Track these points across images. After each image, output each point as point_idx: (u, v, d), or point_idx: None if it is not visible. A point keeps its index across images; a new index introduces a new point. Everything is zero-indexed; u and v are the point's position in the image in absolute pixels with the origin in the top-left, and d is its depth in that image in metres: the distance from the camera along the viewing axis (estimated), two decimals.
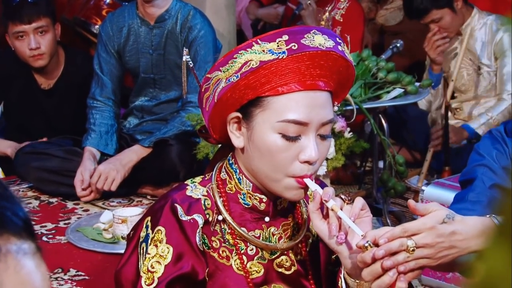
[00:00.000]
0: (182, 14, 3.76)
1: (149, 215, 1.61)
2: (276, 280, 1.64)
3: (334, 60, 1.54)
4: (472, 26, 4.11)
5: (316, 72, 1.52)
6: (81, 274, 3.03)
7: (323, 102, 1.54)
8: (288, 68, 1.50)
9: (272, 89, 1.52)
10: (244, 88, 1.52)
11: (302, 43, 1.50)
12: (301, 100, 1.51)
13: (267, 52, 1.50)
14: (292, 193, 1.55)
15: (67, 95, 4.07)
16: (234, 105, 1.56)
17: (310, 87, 1.52)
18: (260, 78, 1.51)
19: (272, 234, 1.64)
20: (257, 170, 1.57)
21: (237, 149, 1.61)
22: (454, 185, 2.97)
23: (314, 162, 1.53)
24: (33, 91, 4.06)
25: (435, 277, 2.96)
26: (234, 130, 1.58)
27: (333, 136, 3.28)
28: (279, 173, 1.53)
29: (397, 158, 3.54)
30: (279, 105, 1.52)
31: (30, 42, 3.86)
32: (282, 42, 1.50)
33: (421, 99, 3.83)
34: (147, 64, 3.86)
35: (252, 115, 1.54)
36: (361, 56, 3.66)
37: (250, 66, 1.50)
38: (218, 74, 1.55)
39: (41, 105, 4.08)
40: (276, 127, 1.52)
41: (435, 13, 4.03)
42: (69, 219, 3.57)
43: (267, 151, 1.53)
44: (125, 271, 1.60)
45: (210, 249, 1.60)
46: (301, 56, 1.50)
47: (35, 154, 3.84)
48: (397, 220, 3.73)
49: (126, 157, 3.73)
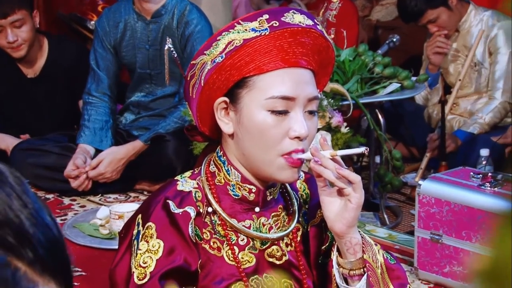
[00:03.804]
0: (179, 9, 3.77)
1: (140, 212, 1.63)
2: (268, 270, 1.65)
3: (315, 38, 1.58)
4: (469, 23, 4.11)
5: (298, 50, 1.56)
6: (77, 270, 3.04)
7: (307, 79, 1.58)
8: (271, 45, 1.54)
9: (256, 68, 1.55)
10: (229, 68, 1.55)
11: (282, 20, 1.55)
12: (285, 77, 1.55)
13: (250, 30, 1.54)
14: (285, 174, 1.57)
15: (56, 83, 4.05)
16: (221, 88, 1.58)
17: (293, 64, 1.56)
18: (245, 57, 1.54)
19: (263, 225, 1.66)
20: (248, 154, 1.59)
21: (225, 141, 1.63)
22: (451, 179, 2.99)
23: (304, 138, 1.55)
24: (19, 81, 4.04)
25: (431, 271, 2.98)
26: (223, 117, 1.60)
27: (329, 131, 3.29)
28: (271, 152, 1.55)
29: (394, 153, 3.56)
30: (264, 83, 1.55)
31: (7, 36, 3.87)
32: (263, 20, 1.55)
33: (417, 93, 3.84)
34: (143, 59, 3.87)
35: (239, 97, 1.57)
36: (357, 51, 3.67)
37: (234, 45, 1.54)
38: (203, 58, 1.58)
39: (29, 94, 4.06)
40: (264, 104, 1.54)
41: (430, 13, 4.03)
42: (66, 215, 3.59)
43: (257, 131, 1.55)
44: (119, 270, 1.61)
45: (201, 241, 1.62)
46: (283, 33, 1.54)
47: (31, 151, 3.86)
48: (394, 215, 3.75)
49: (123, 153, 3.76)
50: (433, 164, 3.94)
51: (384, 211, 3.68)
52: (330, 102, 3.31)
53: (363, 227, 3.38)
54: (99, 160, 3.74)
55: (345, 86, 3.45)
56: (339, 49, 3.65)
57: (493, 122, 4.00)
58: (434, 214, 2.95)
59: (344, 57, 3.57)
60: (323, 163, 1.53)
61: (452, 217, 2.91)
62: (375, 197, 3.73)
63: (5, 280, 0.77)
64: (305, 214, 1.73)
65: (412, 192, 3.66)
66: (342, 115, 3.32)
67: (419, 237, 3.01)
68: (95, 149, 3.82)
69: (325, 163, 1.53)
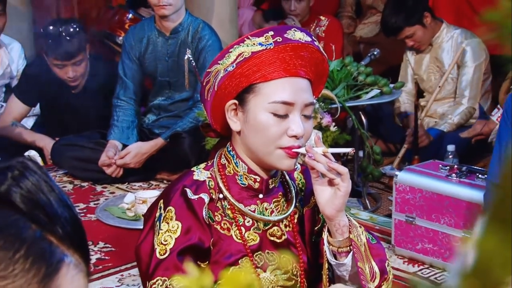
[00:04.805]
0: (193, 27, 3.76)
1: (162, 198, 1.62)
2: (269, 247, 1.65)
3: (312, 52, 1.58)
4: (441, 38, 4.11)
5: (298, 62, 1.55)
6: (108, 246, 3.04)
7: (304, 87, 1.57)
8: (275, 57, 1.54)
9: (262, 76, 1.54)
10: (239, 76, 1.55)
11: (285, 37, 1.55)
12: (286, 84, 1.55)
13: (257, 44, 1.54)
14: (283, 163, 1.56)
15: (93, 95, 4.04)
16: (231, 93, 1.58)
17: (293, 74, 1.55)
18: (252, 66, 1.54)
19: (265, 209, 1.65)
20: (252, 147, 1.58)
21: (234, 137, 1.63)
22: (423, 170, 2.98)
23: (301, 137, 1.55)
24: (67, 95, 4.01)
25: (406, 248, 2.97)
26: (232, 116, 1.60)
27: (320, 129, 3.28)
28: (271, 145, 1.55)
29: (375, 148, 3.55)
30: (268, 89, 1.54)
31: (68, 72, 3.86)
32: (269, 36, 1.55)
33: (394, 98, 3.83)
34: (163, 69, 3.86)
35: (247, 100, 1.57)
36: (344, 62, 3.66)
37: (243, 56, 1.54)
38: (217, 67, 1.57)
39: (72, 105, 4.05)
40: (267, 107, 1.54)
41: (407, 30, 4.02)
42: (98, 200, 3.58)
43: (261, 128, 1.55)
44: (143, 246, 1.60)
45: (214, 222, 1.62)
46: (285, 47, 1.54)
47: (69, 146, 3.85)
48: (374, 200, 3.74)
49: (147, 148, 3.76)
50: (408, 157, 3.93)
51: (366, 197, 3.67)
52: (321, 105, 3.31)
53: (348, 210, 3.37)
54: (127, 151, 3.74)
55: (334, 92, 3.44)
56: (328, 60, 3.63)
57: (460, 123, 4.03)
58: (408, 200, 2.95)
59: (333, 67, 3.56)
60: (316, 158, 1.53)
61: (424, 202, 2.90)
62: (358, 185, 3.72)
63: (43, 250, 0.77)
64: (301, 200, 1.72)
65: (390, 181, 3.65)
66: (331, 116, 3.32)
67: (395, 219, 3.00)
68: (122, 145, 3.82)
69: (318, 158, 1.53)
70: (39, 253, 0.77)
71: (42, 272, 0.76)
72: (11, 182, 0.78)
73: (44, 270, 0.76)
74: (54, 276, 0.77)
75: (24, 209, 0.78)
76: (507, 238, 0.43)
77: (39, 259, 0.77)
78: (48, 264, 0.77)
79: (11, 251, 0.75)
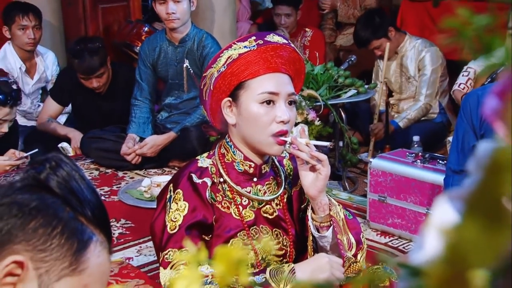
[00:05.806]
0: (198, 37, 3.74)
1: (172, 182, 1.62)
2: (263, 222, 1.65)
3: (289, 52, 1.58)
4: (405, 48, 4.09)
5: (278, 60, 1.56)
6: (128, 222, 3.04)
7: (286, 81, 1.58)
8: (258, 57, 1.54)
9: (249, 74, 1.54)
10: (230, 75, 1.55)
11: (266, 39, 1.56)
12: (271, 79, 1.55)
13: (243, 47, 1.55)
14: (273, 149, 1.57)
15: (116, 96, 4.03)
16: (225, 91, 1.57)
17: (276, 70, 1.56)
18: (240, 66, 1.54)
19: (259, 190, 1.65)
20: (246, 136, 1.58)
21: (230, 130, 1.62)
22: (393, 157, 2.98)
23: (287, 122, 1.54)
24: (93, 97, 3.99)
25: (379, 222, 2.97)
26: (228, 112, 1.60)
27: (306, 123, 3.28)
28: (263, 133, 1.55)
29: (352, 139, 3.55)
30: (256, 84, 1.55)
31: (92, 83, 3.83)
32: (252, 40, 1.56)
33: (369, 97, 3.82)
34: (173, 73, 3.84)
35: (238, 96, 1.57)
36: (326, 67, 3.65)
37: (232, 58, 1.54)
38: (211, 70, 1.58)
39: (98, 105, 4.04)
40: (257, 98, 1.54)
41: (375, 42, 4.00)
42: (120, 184, 3.57)
43: (252, 118, 1.55)
44: (157, 223, 1.60)
45: (215, 202, 1.61)
46: (266, 48, 1.54)
47: (95, 138, 3.84)
48: (352, 183, 3.74)
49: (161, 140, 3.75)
50: (380, 146, 3.92)
51: (346, 180, 3.66)
52: (307, 103, 3.30)
53: (330, 191, 3.36)
54: (144, 143, 3.73)
55: (318, 92, 3.43)
56: (313, 65, 3.63)
57: (417, 118, 3.99)
58: (381, 182, 2.94)
59: (317, 71, 3.55)
60: (300, 147, 1.52)
61: (394, 184, 2.90)
62: (339, 170, 3.72)
63: (76, 229, 0.77)
64: (290, 183, 1.72)
65: (365, 167, 3.64)
66: (315, 112, 3.31)
67: (370, 198, 3.00)
68: (139, 138, 3.81)
69: (301, 147, 1.52)
70: (73, 231, 0.77)
71: (75, 247, 0.76)
72: (49, 171, 0.78)
73: (76, 246, 0.76)
74: (84, 251, 0.77)
75: (60, 193, 0.78)
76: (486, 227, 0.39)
77: (72, 236, 0.76)
78: (80, 241, 0.77)
79: (49, 228, 0.75)
